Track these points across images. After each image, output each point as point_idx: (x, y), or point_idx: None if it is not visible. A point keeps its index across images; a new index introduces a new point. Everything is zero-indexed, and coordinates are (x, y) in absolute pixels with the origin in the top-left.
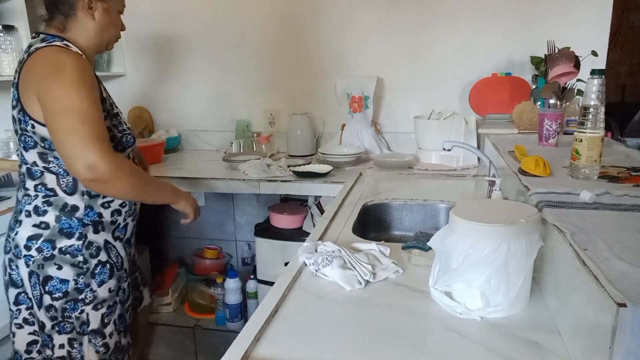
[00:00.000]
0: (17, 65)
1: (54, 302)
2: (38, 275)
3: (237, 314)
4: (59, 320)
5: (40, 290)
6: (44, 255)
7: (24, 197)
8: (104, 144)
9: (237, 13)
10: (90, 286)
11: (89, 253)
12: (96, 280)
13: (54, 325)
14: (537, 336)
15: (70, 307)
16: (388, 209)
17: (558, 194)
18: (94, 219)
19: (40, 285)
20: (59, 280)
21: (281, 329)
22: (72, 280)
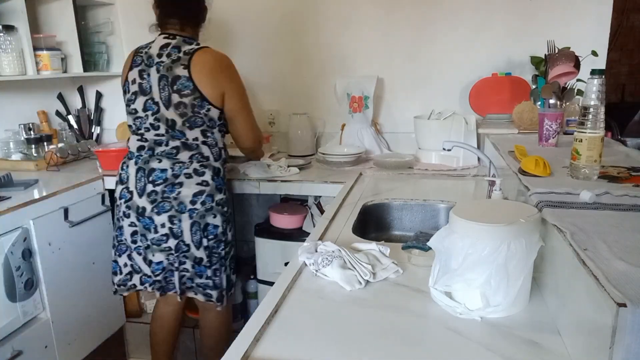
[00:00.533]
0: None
1: (210, 243)
2: (199, 224)
3: (237, 314)
4: (211, 256)
5: (200, 235)
6: (206, 208)
7: (176, 165)
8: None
9: (237, 13)
10: (229, 231)
11: (229, 205)
12: (229, 227)
13: (208, 260)
14: (537, 336)
15: (216, 246)
16: (388, 209)
17: (558, 194)
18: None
19: (201, 231)
20: (213, 226)
21: (281, 329)
22: (220, 225)
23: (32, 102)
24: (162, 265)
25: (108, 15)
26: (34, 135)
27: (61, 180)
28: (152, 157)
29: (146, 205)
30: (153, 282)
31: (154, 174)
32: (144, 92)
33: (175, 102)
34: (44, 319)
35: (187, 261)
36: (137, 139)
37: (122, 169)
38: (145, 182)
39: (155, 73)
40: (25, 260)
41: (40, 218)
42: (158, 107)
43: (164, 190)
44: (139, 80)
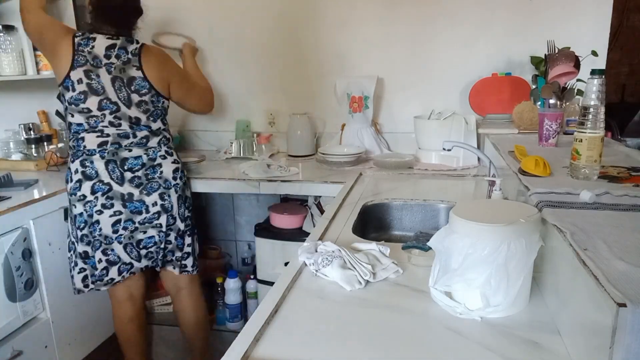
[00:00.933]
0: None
1: (188, 214)
2: (182, 197)
3: (237, 314)
4: (189, 226)
5: (183, 207)
6: (183, 182)
7: (149, 150)
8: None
9: (237, 13)
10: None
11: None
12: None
13: (185, 230)
14: (537, 336)
15: (190, 216)
16: (388, 209)
17: (558, 194)
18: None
19: (183, 204)
20: (189, 199)
21: (281, 329)
22: (190, 196)
23: (32, 102)
24: (154, 239)
25: None
26: (34, 135)
27: (61, 180)
28: (119, 149)
29: (132, 190)
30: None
31: (128, 163)
32: (96, 92)
33: (137, 101)
34: (44, 319)
35: (171, 233)
36: (97, 136)
37: (82, 166)
38: (121, 172)
39: (106, 74)
40: (25, 260)
41: (40, 218)
42: (117, 106)
43: (146, 173)
44: (86, 80)
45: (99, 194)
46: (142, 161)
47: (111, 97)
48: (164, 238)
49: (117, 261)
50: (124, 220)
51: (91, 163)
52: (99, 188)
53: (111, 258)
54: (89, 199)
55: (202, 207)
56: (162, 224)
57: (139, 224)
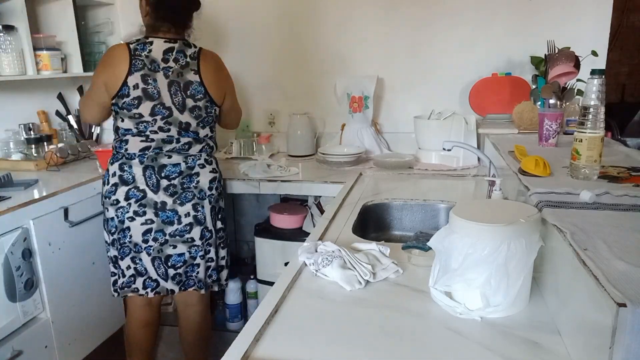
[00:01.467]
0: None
1: (222, 226)
2: (215, 209)
3: (237, 314)
4: (222, 238)
5: (215, 219)
6: (218, 193)
7: (188, 158)
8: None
9: (237, 13)
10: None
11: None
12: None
13: (219, 244)
14: (537, 336)
15: (224, 228)
16: (388, 209)
17: (558, 194)
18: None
19: (216, 215)
20: (223, 210)
21: (281, 329)
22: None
23: (32, 102)
24: (184, 257)
25: (108, 15)
26: (34, 135)
27: (61, 180)
28: (159, 154)
29: (166, 199)
30: (156, 286)
31: (165, 170)
32: (151, 97)
33: (190, 106)
34: (44, 319)
35: (211, 249)
36: (141, 140)
37: (121, 170)
38: (158, 179)
39: (163, 78)
40: (25, 260)
41: (40, 218)
42: (170, 111)
43: (182, 182)
44: (143, 85)
45: (132, 201)
46: (180, 169)
47: (165, 102)
48: (203, 253)
49: (143, 273)
50: (154, 230)
51: (129, 168)
52: (133, 194)
53: (139, 267)
54: (121, 205)
55: None
56: (194, 238)
57: (170, 237)
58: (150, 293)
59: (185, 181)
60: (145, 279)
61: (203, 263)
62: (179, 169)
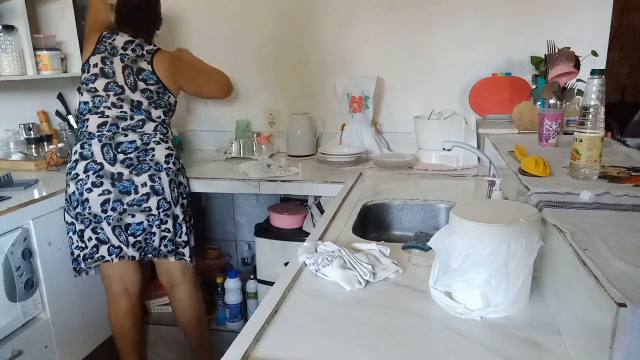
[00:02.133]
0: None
1: (183, 201)
2: (174, 182)
3: (237, 314)
4: (185, 214)
5: (176, 192)
6: (177, 168)
7: (144, 136)
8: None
9: (237, 13)
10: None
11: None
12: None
13: (183, 218)
14: (537, 336)
15: (187, 204)
16: (388, 209)
17: (558, 194)
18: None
19: (176, 188)
20: (183, 186)
21: (281, 329)
22: (187, 186)
23: (32, 102)
24: (143, 225)
25: None
26: (34, 135)
27: (61, 180)
28: (116, 133)
29: (122, 170)
30: (119, 252)
31: (122, 146)
32: (106, 75)
33: (142, 88)
34: (44, 319)
35: (169, 220)
36: (98, 117)
37: (81, 148)
38: (115, 154)
39: (119, 62)
40: (25, 260)
41: (40, 218)
42: (122, 89)
43: (138, 155)
44: (101, 65)
45: (90, 173)
46: (136, 145)
47: (118, 81)
48: (159, 222)
49: (106, 241)
50: (112, 200)
51: (89, 146)
52: (91, 167)
53: (101, 237)
54: (80, 177)
55: (202, 207)
56: (151, 207)
57: (128, 206)
58: (115, 258)
59: (141, 155)
60: (108, 247)
61: (158, 232)
62: (135, 145)
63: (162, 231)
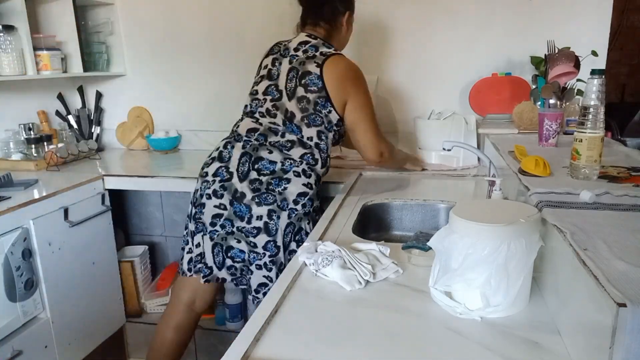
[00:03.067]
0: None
1: (296, 248)
2: (294, 226)
3: (237, 314)
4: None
5: (290, 238)
6: (304, 211)
7: (287, 161)
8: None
9: (237, 13)
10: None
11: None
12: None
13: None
14: (537, 336)
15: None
16: (388, 209)
17: (558, 194)
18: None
19: (292, 234)
20: (305, 232)
21: (281, 329)
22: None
23: (32, 102)
24: (244, 255)
25: (108, 15)
26: (34, 135)
27: (61, 180)
28: (262, 145)
29: (246, 191)
30: (209, 273)
31: (260, 163)
32: (271, 77)
33: (299, 95)
34: (44, 319)
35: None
36: (251, 121)
37: (224, 147)
38: (250, 168)
39: (287, 63)
40: (25, 260)
41: (40, 218)
42: (280, 95)
43: (269, 182)
44: (270, 67)
45: (217, 179)
46: (274, 168)
47: (279, 85)
48: (254, 262)
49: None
50: (224, 217)
51: (231, 148)
52: (220, 173)
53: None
54: (207, 179)
55: None
56: (256, 244)
57: (237, 230)
58: (201, 279)
59: (274, 182)
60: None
61: (257, 274)
62: (273, 167)
63: (263, 276)
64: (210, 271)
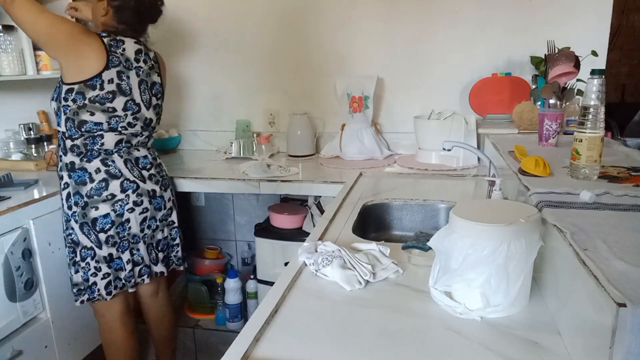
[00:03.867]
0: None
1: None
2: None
3: (237, 314)
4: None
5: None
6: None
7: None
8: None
9: (237, 13)
10: None
11: None
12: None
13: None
14: (537, 336)
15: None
16: (388, 209)
17: (558, 194)
18: None
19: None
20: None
21: (281, 329)
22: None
23: (32, 102)
24: (167, 240)
25: None
26: (34, 135)
27: None
28: (130, 148)
29: (154, 187)
30: (149, 271)
31: (140, 162)
32: (124, 93)
33: (154, 104)
34: (44, 319)
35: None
36: (115, 134)
37: (104, 165)
38: (139, 170)
39: (135, 76)
40: (25, 260)
41: (40, 218)
42: (139, 108)
43: (158, 171)
44: (117, 81)
45: (129, 192)
46: (149, 160)
47: (135, 99)
48: (177, 235)
49: (140, 262)
50: (149, 218)
51: (112, 162)
52: (128, 186)
53: (135, 258)
54: (119, 198)
55: (202, 207)
56: (174, 220)
57: (159, 222)
58: (147, 279)
59: (159, 169)
60: (141, 268)
61: (180, 242)
62: (148, 160)
63: (180, 240)
64: (149, 268)
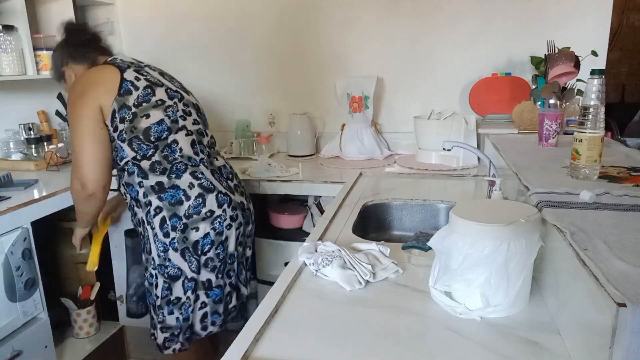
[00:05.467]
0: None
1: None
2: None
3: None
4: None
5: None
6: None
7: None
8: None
9: (237, 13)
10: None
11: None
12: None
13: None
14: (537, 336)
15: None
16: (388, 209)
17: (558, 194)
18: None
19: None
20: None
21: (281, 329)
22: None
23: (32, 102)
24: (250, 259)
25: (108, 15)
26: (34, 135)
27: (61, 180)
28: (210, 156)
29: (242, 199)
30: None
31: (223, 172)
32: (156, 84)
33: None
34: (44, 319)
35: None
36: (184, 135)
37: (196, 178)
38: (225, 181)
39: (151, 70)
40: (25, 260)
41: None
42: (180, 94)
43: (239, 181)
44: (142, 77)
45: (225, 206)
46: (229, 169)
47: (170, 87)
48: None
49: (237, 285)
50: (241, 234)
51: (202, 174)
52: (223, 199)
53: (233, 281)
54: (217, 214)
55: None
56: (253, 235)
57: (247, 237)
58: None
59: (239, 180)
60: (237, 293)
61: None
62: (229, 170)
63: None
64: (238, 290)
